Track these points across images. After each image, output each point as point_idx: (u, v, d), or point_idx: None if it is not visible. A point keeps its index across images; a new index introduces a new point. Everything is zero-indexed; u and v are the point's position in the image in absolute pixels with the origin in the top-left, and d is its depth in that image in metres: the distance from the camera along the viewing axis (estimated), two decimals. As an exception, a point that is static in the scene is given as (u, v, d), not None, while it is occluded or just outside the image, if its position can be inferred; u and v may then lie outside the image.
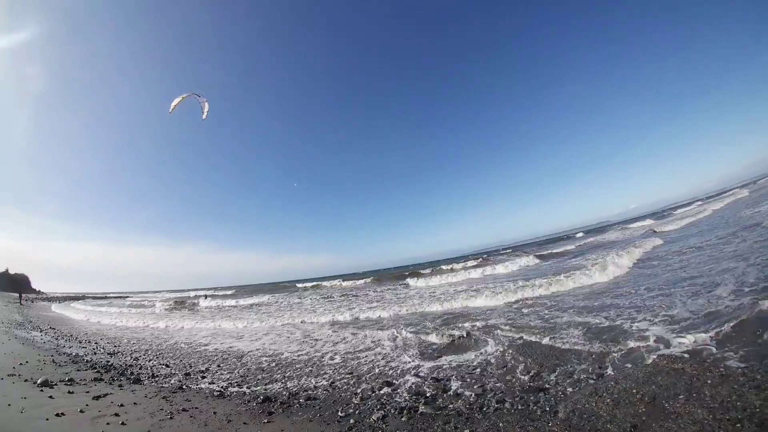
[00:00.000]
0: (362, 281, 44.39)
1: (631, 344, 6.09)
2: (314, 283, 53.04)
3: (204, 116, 11.88)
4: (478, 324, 9.60)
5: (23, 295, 56.18)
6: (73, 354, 10.98)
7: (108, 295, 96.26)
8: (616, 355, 5.86)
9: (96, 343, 14.22)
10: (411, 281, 28.52)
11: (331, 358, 8.71)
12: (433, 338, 9.02)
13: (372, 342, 9.77)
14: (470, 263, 41.87)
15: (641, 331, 6.59)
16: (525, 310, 10.59)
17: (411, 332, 9.89)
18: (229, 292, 59.29)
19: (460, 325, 9.94)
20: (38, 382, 6.64)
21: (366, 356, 8.47)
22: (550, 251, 38.00)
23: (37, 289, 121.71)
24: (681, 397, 4.09)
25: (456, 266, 40.25)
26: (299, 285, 55.86)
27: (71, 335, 16.84)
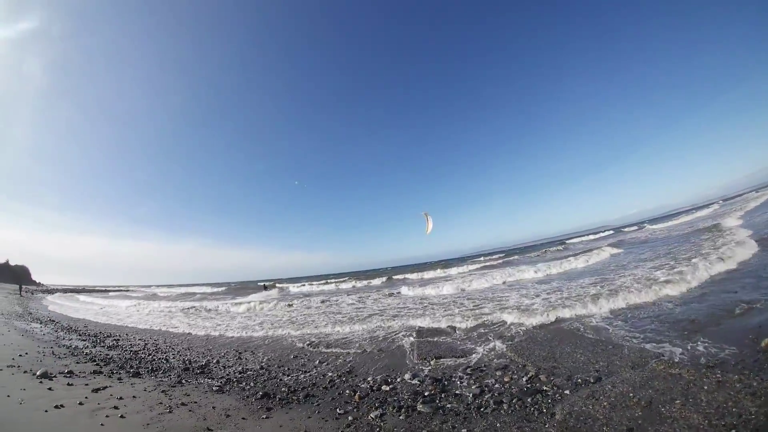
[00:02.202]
0: (349, 284, 39.27)
1: None
2: (266, 283, 51.82)
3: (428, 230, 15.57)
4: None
5: (23, 287, 56.35)
6: (73, 346, 11.01)
7: (108, 289, 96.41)
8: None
9: (95, 336, 14.25)
10: (410, 289, 21.29)
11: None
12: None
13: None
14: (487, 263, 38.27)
15: None
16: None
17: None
18: (218, 290, 58.90)
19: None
20: (38, 373, 6.65)
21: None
22: (622, 238, 34.31)
23: (37, 281, 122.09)
24: (677, 401, 4.12)
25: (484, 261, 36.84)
26: (274, 284, 55.06)
27: (70, 327, 16.88)
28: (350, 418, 4.93)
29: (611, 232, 71.01)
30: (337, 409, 5.27)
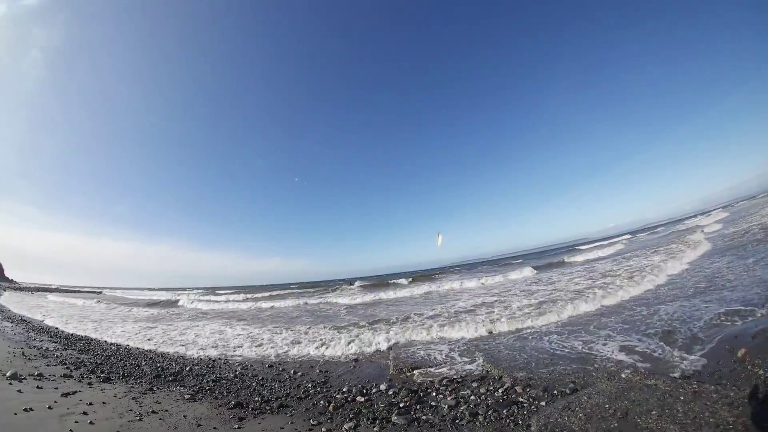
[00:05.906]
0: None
1: None
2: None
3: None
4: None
5: (-7, 284, 55.90)
6: (44, 348, 11.06)
7: (81, 290, 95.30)
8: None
9: (66, 338, 14.29)
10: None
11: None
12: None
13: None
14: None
15: None
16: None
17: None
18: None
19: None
20: (7, 375, 6.74)
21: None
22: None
23: (10, 278, 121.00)
24: (654, 412, 4.29)
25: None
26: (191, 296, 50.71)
27: (42, 328, 16.87)
28: (324, 429, 5.06)
29: (628, 236, 64.04)
30: (311, 420, 5.40)
